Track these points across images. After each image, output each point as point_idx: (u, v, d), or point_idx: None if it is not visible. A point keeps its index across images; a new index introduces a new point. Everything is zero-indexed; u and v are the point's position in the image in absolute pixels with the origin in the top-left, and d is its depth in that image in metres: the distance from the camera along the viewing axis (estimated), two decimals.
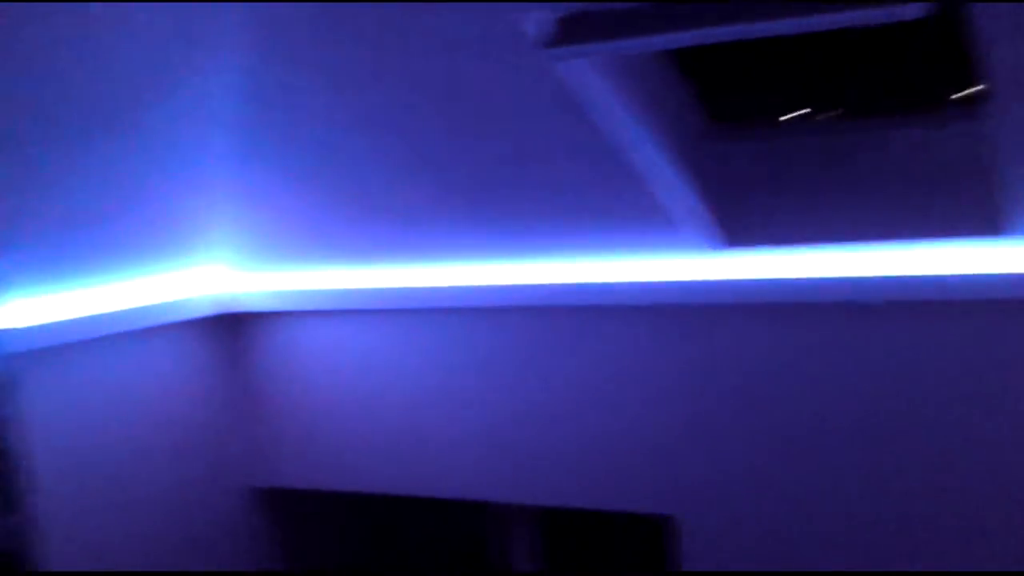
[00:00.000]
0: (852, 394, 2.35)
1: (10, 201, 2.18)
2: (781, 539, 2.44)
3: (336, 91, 2.29)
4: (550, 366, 2.62)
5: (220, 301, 2.87)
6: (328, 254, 2.73)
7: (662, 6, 1.92)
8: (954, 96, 2.40)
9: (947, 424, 2.28)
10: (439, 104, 2.24)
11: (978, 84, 2.14)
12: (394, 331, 2.78)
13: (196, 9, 2.09)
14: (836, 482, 2.38)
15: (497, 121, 2.23)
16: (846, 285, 2.29)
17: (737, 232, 2.35)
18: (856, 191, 2.29)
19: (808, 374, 2.38)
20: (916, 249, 2.23)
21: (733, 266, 2.38)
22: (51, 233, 2.32)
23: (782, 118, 2.57)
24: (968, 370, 2.25)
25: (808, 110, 2.57)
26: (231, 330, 2.94)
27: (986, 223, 2.15)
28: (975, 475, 2.26)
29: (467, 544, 3.32)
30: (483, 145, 2.29)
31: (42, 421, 2.37)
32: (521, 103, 2.16)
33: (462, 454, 2.74)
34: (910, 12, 1.74)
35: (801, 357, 2.38)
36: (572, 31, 1.95)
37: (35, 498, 2.21)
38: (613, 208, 2.33)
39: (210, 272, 2.82)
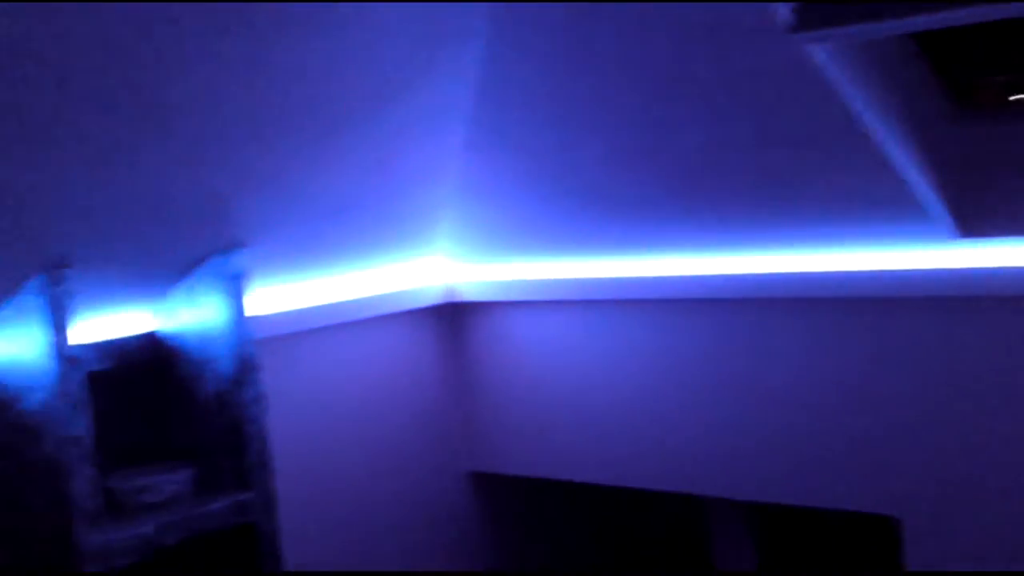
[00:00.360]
0: None
1: (262, 193, 2.33)
2: (1008, 541, 2.35)
3: (569, 83, 2.34)
4: (771, 359, 2.58)
5: (443, 291, 2.96)
6: (548, 246, 2.78)
7: None
8: None
9: None
10: (674, 92, 2.25)
11: None
12: (609, 322, 2.80)
13: (441, 7, 2.19)
14: None
15: (736, 108, 2.23)
16: None
17: (978, 221, 2.27)
18: None
19: None
20: None
21: (973, 256, 2.29)
22: (292, 224, 2.45)
23: None
24: None
25: None
26: (452, 319, 3.03)
27: None
28: None
29: (682, 540, 3.31)
30: (719, 133, 2.29)
31: (277, 404, 2.51)
32: (763, 89, 2.15)
33: (675, 446, 2.73)
34: None
35: None
36: (817, 15, 1.96)
37: (270, 476, 2.34)
38: (852, 195, 2.28)
39: (434, 262, 2.92)
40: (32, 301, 2.03)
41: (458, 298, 2.98)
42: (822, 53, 2.04)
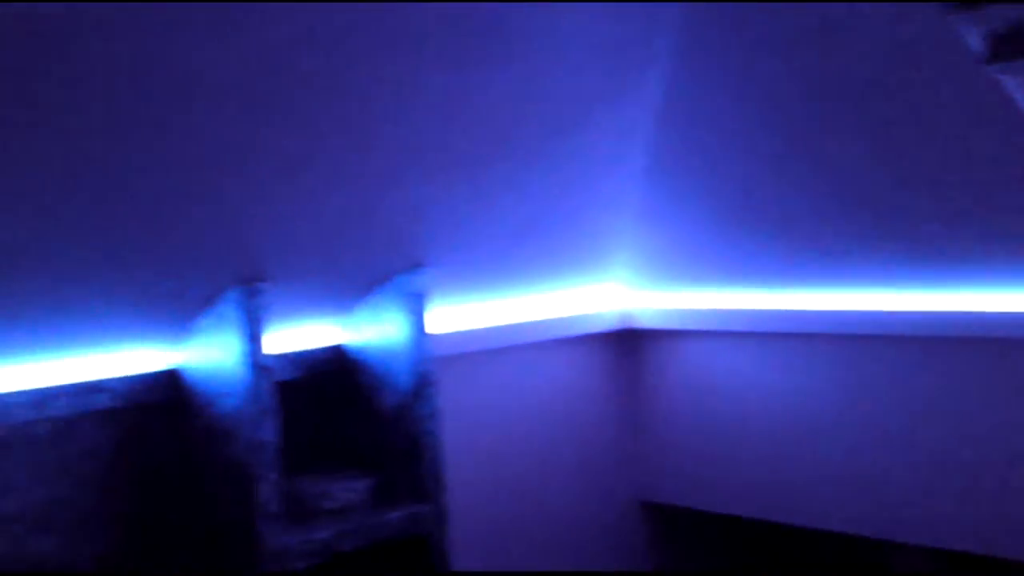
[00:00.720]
0: None
1: (447, 215, 2.41)
2: None
3: (752, 112, 2.35)
4: (965, 400, 2.47)
5: (619, 317, 2.99)
6: (725, 276, 2.77)
7: None
8: None
9: None
10: (861, 124, 2.23)
11: None
12: (787, 355, 2.76)
13: (625, 36, 2.23)
14: None
15: (925, 140, 2.19)
16: None
17: None
18: None
19: None
20: None
21: None
22: (474, 246, 2.53)
23: None
24: None
25: None
26: (628, 346, 3.04)
27: None
28: None
29: None
30: (908, 167, 2.26)
31: (452, 420, 2.58)
32: (952, 121, 2.11)
33: (855, 486, 2.67)
34: None
35: None
36: (1010, 46, 1.91)
37: (444, 489, 2.41)
38: None
39: (612, 288, 2.95)
40: (229, 312, 2.15)
41: (634, 325, 2.99)
42: (1013, 83, 1.99)
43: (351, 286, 2.42)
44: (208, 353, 2.21)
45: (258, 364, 2.14)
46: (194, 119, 1.89)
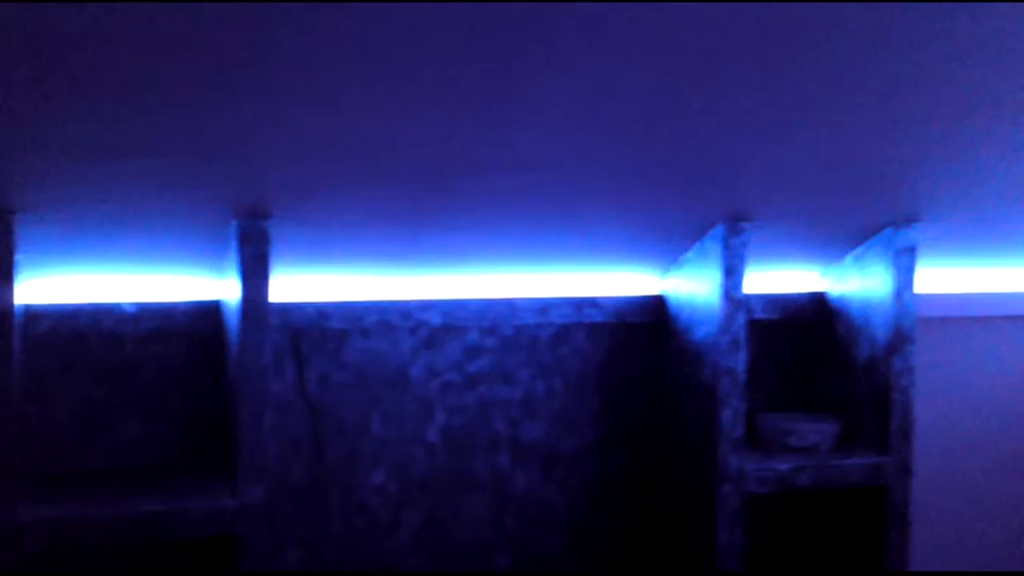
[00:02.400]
0: None
1: (941, 170, 2.39)
2: None
3: None
4: None
5: None
6: None
7: None
8: None
9: None
10: None
11: None
12: None
13: None
14: None
15: None
16: None
17: None
18: None
19: None
20: None
21: None
22: (968, 206, 2.48)
23: None
24: None
25: None
26: None
27: None
28: None
29: None
30: None
31: (925, 380, 2.59)
32: None
33: None
34: None
35: None
36: None
37: (909, 445, 2.44)
38: None
39: None
40: (713, 247, 2.32)
41: None
42: None
43: (838, 235, 2.49)
44: (691, 284, 2.40)
45: (733, 298, 2.30)
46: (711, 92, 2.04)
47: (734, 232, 2.31)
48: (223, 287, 2.14)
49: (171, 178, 1.81)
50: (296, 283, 2.29)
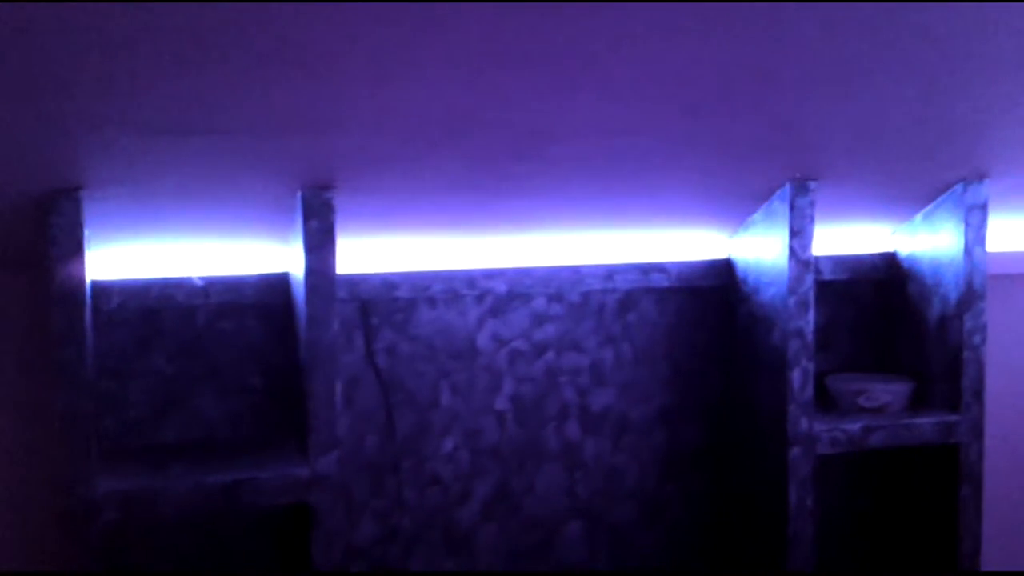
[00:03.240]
0: None
1: (1009, 125, 2.35)
2: None
3: None
4: None
5: None
6: None
7: None
8: None
9: None
10: None
11: None
12: None
13: None
14: None
15: None
16: None
17: None
18: None
19: None
20: None
21: None
22: None
23: None
24: None
25: None
26: None
27: None
28: None
29: None
30: None
31: (997, 339, 2.55)
32: None
33: None
34: None
35: None
36: None
37: (981, 404, 2.40)
38: None
39: None
40: (780, 208, 2.30)
41: None
42: None
43: (907, 193, 2.45)
44: (758, 246, 2.37)
45: (801, 259, 2.27)
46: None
47: (801, 192, 2.28)
48: (291, 259, 2.15)
49: (236, 152, 1.81)
50: (362, 253, 2.29)
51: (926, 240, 2.49)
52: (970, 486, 2.42)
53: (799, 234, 2.27)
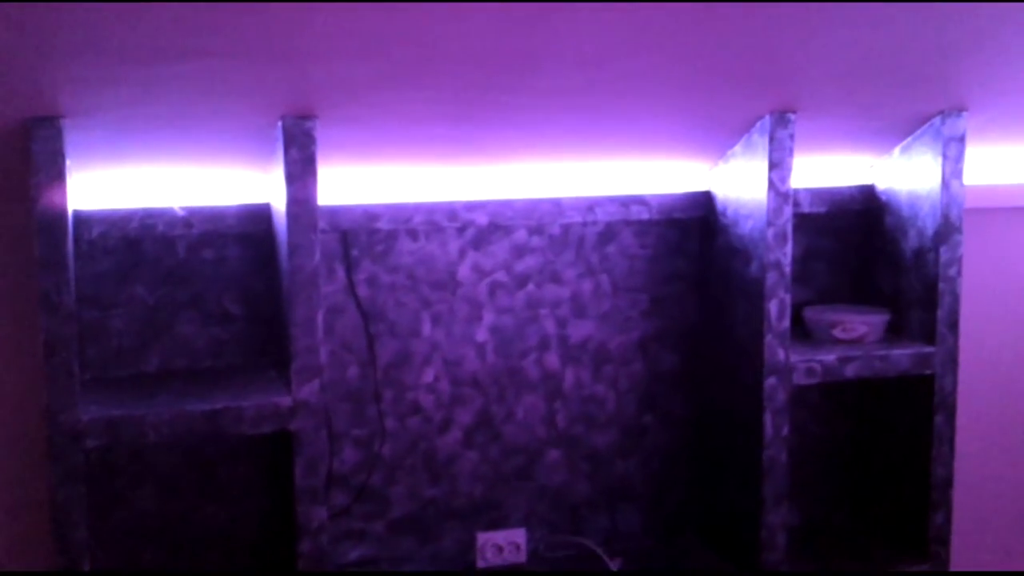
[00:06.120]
0: None
1: (986, 57, 2.35)
2: None
3: None
4: None
5: None
6: None
7: None
8: None
9: None
10: None
11: None
12: None
13: None
14: None
15: None
16: None
17: None
18: None
19: None
20: None
21: None
22: (1017, 91, 2.44)
23: None
24: None
25: None
26: None
27: None
28: None
29: None
30: None
31: (971, 273, 2.58)
32: None
33: None
34: None
35: None
36: None
37: (956, 335, 2.43)
38: None
39: None
40: (759, 140, 2.31)
41: None
42: None
43: (885, 126, 2.46)
44: (737, 178, 2.39)
45: (779, 192, 2.29)
46: None
47: (781, 124, 2.29)
48: (272, 189, 2.15)
49: (216, 79, 1.81)
50: (344, 184, 2.30)
51: (904, 172, 2.50)
52: (944, 416, 2.46)
53: (778, 166, 2.29)
